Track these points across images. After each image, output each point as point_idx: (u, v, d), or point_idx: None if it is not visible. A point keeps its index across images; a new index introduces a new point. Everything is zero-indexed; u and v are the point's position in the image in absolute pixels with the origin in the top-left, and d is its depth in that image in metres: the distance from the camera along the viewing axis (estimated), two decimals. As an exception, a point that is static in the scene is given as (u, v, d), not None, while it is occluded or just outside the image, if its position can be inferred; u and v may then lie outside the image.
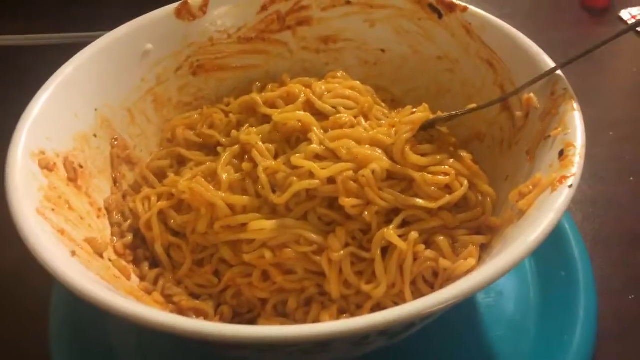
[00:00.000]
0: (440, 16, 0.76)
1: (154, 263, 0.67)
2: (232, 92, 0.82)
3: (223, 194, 0.64)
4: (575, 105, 0.59)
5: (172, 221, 0.67)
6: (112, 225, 0.67)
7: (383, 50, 0.82)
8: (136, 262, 0.66)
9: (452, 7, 0.75)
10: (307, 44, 0.83)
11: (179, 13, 0.77)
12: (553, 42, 0.68)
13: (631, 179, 0.84)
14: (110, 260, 0.61)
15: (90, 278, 0.50)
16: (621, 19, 1.14)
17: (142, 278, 0.65)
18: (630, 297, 0.71)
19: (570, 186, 0.51)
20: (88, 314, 0.62)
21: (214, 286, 0.64)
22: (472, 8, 0.74)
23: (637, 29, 1.07)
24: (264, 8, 0.81)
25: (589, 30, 1.14)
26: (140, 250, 0.67)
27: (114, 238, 0.66)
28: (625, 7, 1.15)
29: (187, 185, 0.64)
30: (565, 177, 0.52)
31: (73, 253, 0.53)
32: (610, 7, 1.17)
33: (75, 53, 0.70)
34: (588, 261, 0.70)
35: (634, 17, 1.13)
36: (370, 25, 0.81)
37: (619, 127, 0.89)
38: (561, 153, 0.56)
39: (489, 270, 0.46)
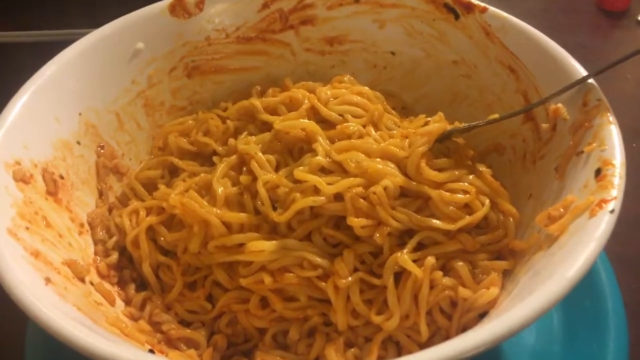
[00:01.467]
0: (456, 17, 0.70)
1: (142, 285, 0.61)
2: (230, 97, 0.76)
3: (218, 210, 0.58)
4: (612, 118, 0.54)
5: (162, 239, 0.61)
6: (95, 242, 0.61)
7: (393, 53, 0.76)
8: (121, 283, 0.60)
9: (470, 7, 0.69)
10: (311, 45, 0.77)
11: (173, 9, 0.71)
12: (568, 46, 0.62)
13: (657, 195, 0.78)
14: (92, 284, 0.56)
15: (65, 311, 0.44)
16: (639, 23, 1.08)
17: (127, 302, 0.59)
18: (662, 327, 0.65)
19: (612, 211, 0.46)
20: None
21: (206, 312, 0.58)
22: (492, 8, 0.68)
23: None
24: (265, 6, 0.75)
25: (606, 34, 1.09)
26: (126, 271, 0.61)
27: (97, 257, 0.60)
28: (644, 10, 1.10)
29: (179, 199, 0.58)
30: (605, 201, 0.47)
31: (47, 280, 0.47)
32: (628, 10, 1.11)
33: (58, 52, 0.64)
34: (616, 286, 0.64)
35: (654, 20, 1.07)
36: (380, 25, 0.75)
37: (643, 139, 0.84)
38: (598, 172, 0.50)
39: (526, 310, 0.40)
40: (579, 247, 0.44)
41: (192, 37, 0.73)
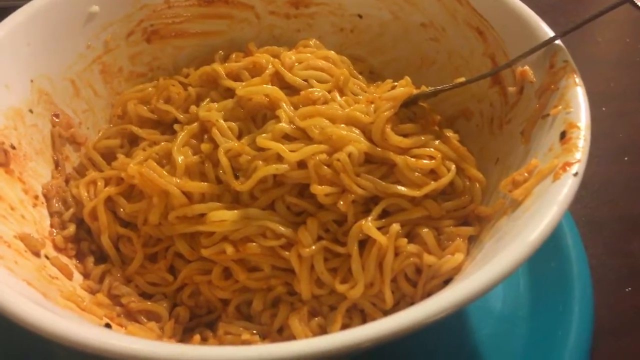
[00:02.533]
0: (424, -23, 0.68)
1: (101, 258, 0.60)
2: (192, 62, 0.73)
3: (178, 180, 0.56)
4: (578, 79, 0.53)
5: (122, 210, 0.59)
6: (51, 215, 0.59)
7: (360, 16, 0.74)
8: (80, 256, 0.59)
9: (438, -33, 0.67)
10: (276, 8, 0.75)
11: (129, -30, 0.68)
12: (539, 7, 0.60)
13: (626, 158, 0.78)
14: (47, 257, 0.54)
15: (13, 286, 0.42)
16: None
17: (86, 275, 0.57)
18: (627, 290, 0.65)
19: (576, 174, 0.45)
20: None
21: (168, 284, 0.57)
22: (460, -32, 0.66)
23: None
24: (226, -34, 0.72)
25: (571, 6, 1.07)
26: (84, 243, 0.59)
27: (54, 230, 0.58)
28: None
29: (138, 169, 0.56)
30: (569, 164, 0.46)
31: (-5, 255, 0.45)
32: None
33: (5, 16, 0.60)
34: (582, 250, 0.64)
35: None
36: (347, -13, 0.73)
37: (613, 103, 0.83)
38: (563, 135, 0.49)
39: (489, 274, 0.39)
40: (541, 211, 0.43)
41: (150, 0, 0.70)
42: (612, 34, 0.97)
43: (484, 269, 0.40)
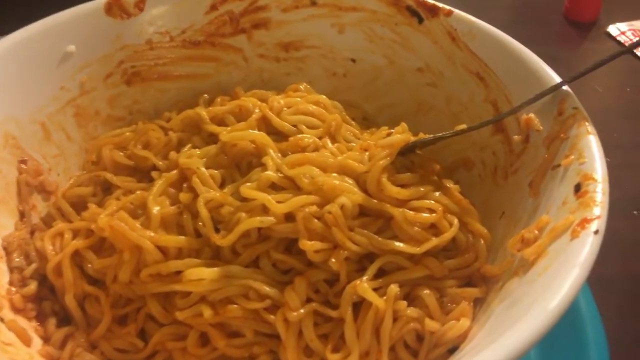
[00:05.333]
0: (420, 21, 0.65)
1: (65, 319, 0.53)
2: (174, 106, 0.69)
3: (152, 233, 0.51)
4: (590, 127, 0.49)
5: (89, 265, 0.53)
6: (11, 270, 0.53)
7: (354, 60, 0.70)
8: (41, 318, 0.52)
9: (434, 11, 0.64)
10: (265, 51, 0.71)
11: (109, 9, 0.64)
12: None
13: (634, 212, 0.74)
14: (3, 320, 0.48)
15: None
16: (609, 35, 1.05)
17: (46, 340, 0.51)
18: (645, 356, 0.60)
19: (597, 232, 0.40)
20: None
21: (138, 351, 0.51)
22: (458, 12, 0.63)
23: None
24: (213, 7, 0.68)
25: (575, 45, 1.06)
26: (46, 303, 0.53)
27: (12, 288, 0.52)
28: (613, 22, 1.07)
29: (108, 220, 0.51)
30: (587, 220, 0.41)
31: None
32: (597, 21, 1.09)
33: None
34: (596, 312, 0.59)
35: (623, 32, 1.05)
36: (339, 30, 0.70)
37: (618, 153, 0.79)
38: (578, 188, 0.45)
39: (507, 347, 0.34)
40: (560, 274, 0.38)
41: (131, 40, 0.66)
42: (612, 83, 0.95)
43: (501, 341, 0.35)
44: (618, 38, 1.04)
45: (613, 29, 1.06)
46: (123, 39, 0.65)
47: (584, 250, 0.39)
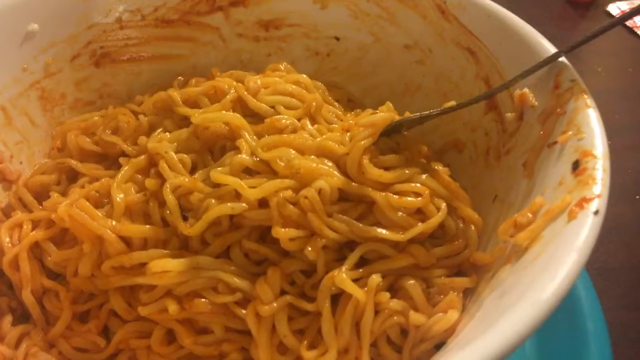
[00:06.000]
0: (407, -6, 0.61)
1: (23, 316, 0.50)
2: (149, 90, 0.65)
3: (114, 223, 0.47)
4: (589, 100, 0.45)
5: (49, 258, 0.49)
6: (-37, 265, 0.49)
7: (337, 38, 0.67)
8: (-4, 315, 0.48)
9: (422, -17, 0.60)
10: (244, 30, 0.67)
11: (74, -15, 0.60)
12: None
13: (637, 197, 0.70)
14: (-50, 318, 0.44)
15: None
16: (608, 14, 1.01)
17: (0, 339, 0.47)
18: (650, 350, 0.56)
19: (596, 213, 0.36)
20: None
21: (99, 350, 0.48)
22: (447, -17, 0.59)
23: (634, 28, 0.94)
24: (188, -17, 0.64)
25: (574, 24, 1.02)
26: (2, 299, 0.50)
27: (-36, 284, 0.48)
28: (613, 1, 1.03)
29: (67, 210, 0.47)
30: (586, 200, 0.37)
31: None
32: (595, 1, 1.04)
33: None
34: (597, 304, 0.55)
35: (623, 11, 1.00)
36: (322, 6, 0.66)
37: (619, 136, 0.75)
38: (576, 165, 0.41)
39: (495, 341, 0.31)
40: (556, 260, 0.34)
41: (100, 19, 0.62)
42: (612, 64, 0.91)
43: (488, 334, 0.31)
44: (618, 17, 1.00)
45: (613, 8, 1.02)
46: (91, 18, 0.62)
47: (582, 232, 0.35)
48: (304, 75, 0.59)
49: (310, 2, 0.65)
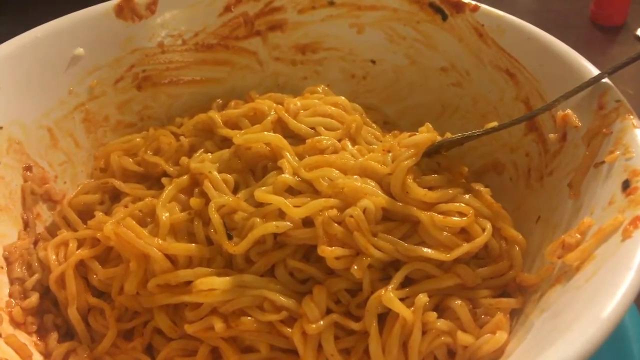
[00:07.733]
0: (444, 18, 0.62)
1: (68, 334, 0.51)
2: (187, 112, 0.66)
3: (160, 241, 0.47)
4: (635, 121, 0.45)
5: (95, 276, 0.50)
6: (11, 281, 0.51)
7: (373, 61, 0.67)
8: (42, 332, 0.50)
9: (459, 6, 0.61)
10: (281, 54, 0.68)
11: (119, 11, 0.62)
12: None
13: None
14: (1, 335, 0.44)
15: None
16: (638, 38, 1.01)
17: (47, 355, 0.48)
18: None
19: (652, 231, 0.36)
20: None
21: (144, 368, 0.47)
22: (484, 6, 0.60)
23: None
24: (227, 9, 0.66)
25: (603, 49, 1.02)
26: (48, 317, 0.50)
27: (12, 300, 0.49)
28: (642, 25, 1.03)
29: (114, 228, 0.48)
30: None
31: None
32: (624, 25, 1.04)
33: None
34: (642, 327, 0.54)
35: (654, 36, 1.00)
36: (358, 30, 0.67)
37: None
38: (626, 185, 0.41)
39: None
40: (613, 278, 0.34)
41: (142, 44, 0.64)
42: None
43: (549, 354, 0.30)
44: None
45: (644, 32, 1.01)
46: (134, 42, 0.63)
47: (638, 251, 0.35)
48: (343, 97, 0.60)
49: (346, 26, 0.67)
